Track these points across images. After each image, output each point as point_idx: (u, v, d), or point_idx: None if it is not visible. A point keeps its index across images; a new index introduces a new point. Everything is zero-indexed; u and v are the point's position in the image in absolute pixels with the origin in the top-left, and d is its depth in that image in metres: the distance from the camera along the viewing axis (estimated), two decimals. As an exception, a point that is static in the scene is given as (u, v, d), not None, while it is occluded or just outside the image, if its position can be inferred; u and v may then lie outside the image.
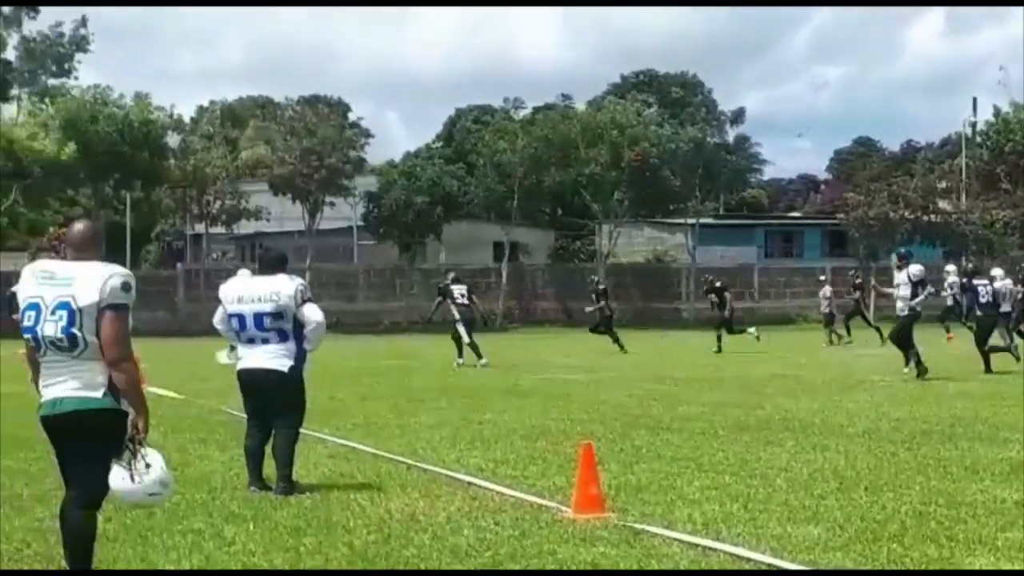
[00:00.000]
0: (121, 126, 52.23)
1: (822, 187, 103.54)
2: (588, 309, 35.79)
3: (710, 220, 69.15)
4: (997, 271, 26.85)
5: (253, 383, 9.92)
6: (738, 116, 65.88)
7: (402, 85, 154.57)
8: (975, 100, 71.64)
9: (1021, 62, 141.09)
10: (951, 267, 38.78)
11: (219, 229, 64.74)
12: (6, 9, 64.82)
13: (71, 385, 6.19)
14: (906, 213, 61.48)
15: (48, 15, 70.95)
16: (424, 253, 65.56)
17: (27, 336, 6.24)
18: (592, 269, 61.60)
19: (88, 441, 6.27)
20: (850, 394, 18.78)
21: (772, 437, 13.06)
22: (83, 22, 65.64)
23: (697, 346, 35.94)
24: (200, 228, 63.92)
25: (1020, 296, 27.80)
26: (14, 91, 66.91)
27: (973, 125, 72.39)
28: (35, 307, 6.15)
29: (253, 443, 9.99)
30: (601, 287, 34.34)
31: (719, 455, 11.65)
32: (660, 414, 15.62)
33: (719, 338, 32.94)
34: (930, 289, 22.45)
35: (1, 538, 8.05)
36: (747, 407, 16.45)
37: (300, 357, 9.90)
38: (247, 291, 9.91)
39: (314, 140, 58.97)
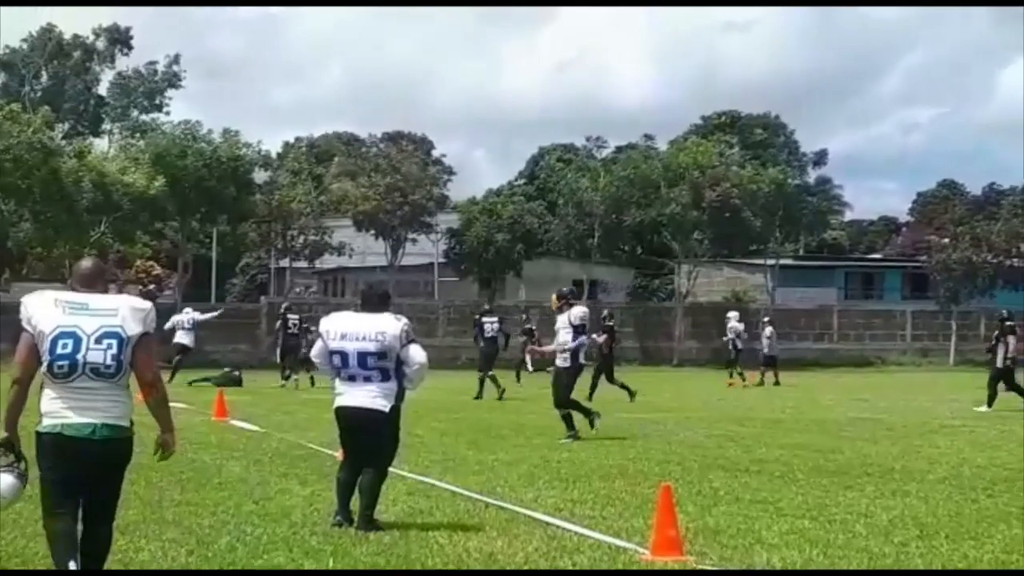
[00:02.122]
0: (209, 161, 52.86)
1: (903, 229, 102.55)
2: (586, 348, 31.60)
3: (790, 261, 68.80)
4: None
5: (353, 421, 9.88)
6: (820, 158, 65.77)
7: (491, 123, 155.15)
8: (1061, 142, 70.82)
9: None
10: (731, 313, 39.92)
11: (302, 263, 65.30)
12: (100, 45, 66.12)
13: (111, 413, 6.72)
14: (989, 257, 60.83)
15: (142, 52, 72.34)
16: (504, 290, 65.73)
17: (59, 363, 6.62)
18: (670, 308, 61.50)
19: (119, 468, 6.97)
20: (931, 438, 18.61)
21: (851, 482, 12.98)
22: (176, 59, 66.79)
23: (775, 388, 35.73)
24: (284, 262, 64.52)
25: None
26: (106, 125, 68.22)
27: (1059, 167, 71.54)
28: (71, 335, 6.61)
29: (347, 477, 9.97)
30: (610, 323, 30.63)
31: (798, 499, 11.60)
32: (738, 456, 15.56)
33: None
34: (584, 338, 18.19)
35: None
36: (826, 450, 16.35)
37: (400, 396, 9.94)
38: (352, 328, 9.84)
39: (398, 177, 59.42)
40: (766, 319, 40.17)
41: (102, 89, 68.44)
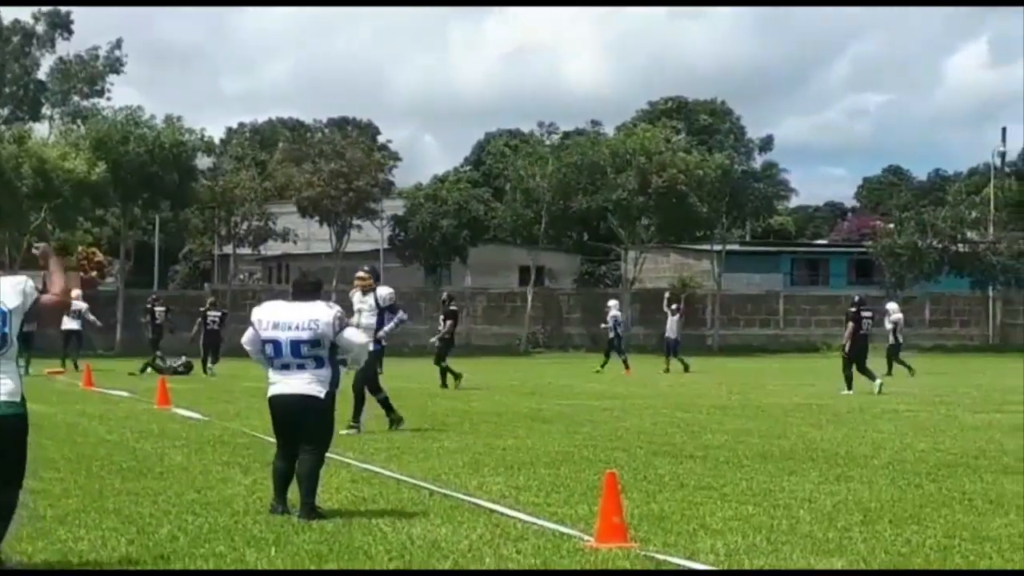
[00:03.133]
0: (152, 147, 52.46)
1: (849, 215, 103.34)
2: (433, 340, 30.24)
3: (736, 247, 69.09)
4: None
5: (287, 409, 9.83)
6: (766, 144, 65.84)
7: (441, 110, 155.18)
8: (1004, 130, 71.86)
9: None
10: (612, 302, 40.53)
11: (246, 250, 64.92)
12: (40, 29, 65.31)
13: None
14: (935, 243, 61.35)
15: (84, 37, 71.60)
16: (450, 276, 65.66)
17: None
18: (617, 294, 61.63)
19: (15, 444, 7.26)
20: (875, 423, 18.71)
21: (796, 467, 13.02)
22: (118, 44, 66.16)
23: (721, 373, 35.87)
24: (228, 249, 64.17)
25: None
26: (46, 111, 67.45)
27: (1003, 155, 72.33)
28: None
29: (283, 465, 9.90)
30: (452, 307, 29.22)
31: (742, 485, 11.61)
32: (684, 442, 15.58)
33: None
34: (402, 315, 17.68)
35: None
36: (771, 436, 16.41)
37: (334, 382, 9.91)
38: (284, 317, 9.80)
39: (342, 163, 59.16)
40: (674, 306, 40.19)
41: (42, 74, 67.60)
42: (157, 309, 35.62)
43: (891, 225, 66.02)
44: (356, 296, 17.31)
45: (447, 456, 13.83)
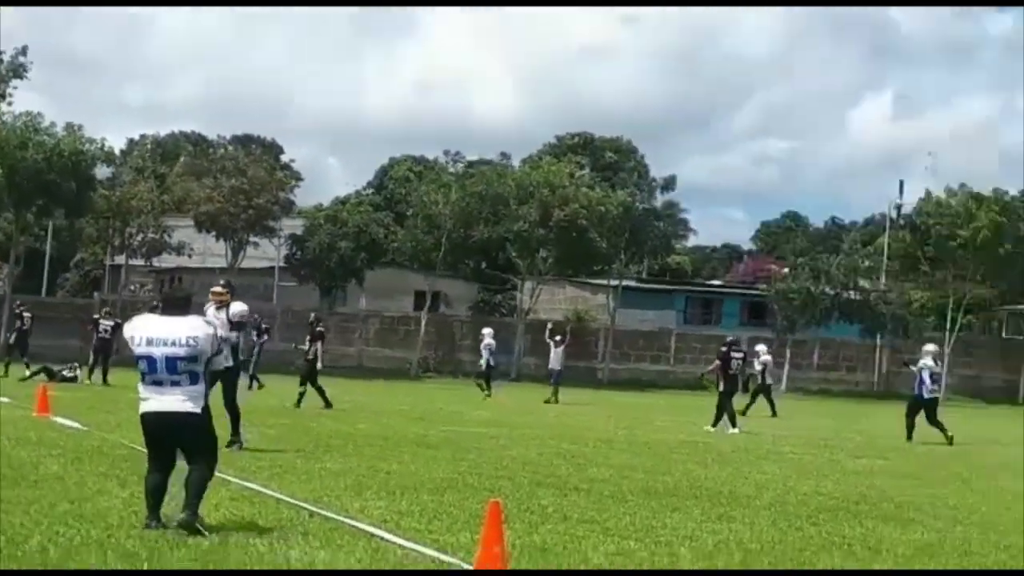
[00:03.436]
0: (50, 154, 51.68)
1: (745, 257, 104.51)
2: (302, 349, 28.46)
3: (632, 283, 69.47)
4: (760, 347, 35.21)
5: (163, 426, 9.58)
6: (669, 183, 66.33)
7: (347, 132, 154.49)
8: (901, 183, 73.31)
9: (956, 151, 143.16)
10: (486, 330, 40.95)
11: (139, 261, 64.04)
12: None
13: None
14: (827, 289, 62.24)
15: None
16: (345, 298, 65.28)
17: None
18: (512, 324, 61.65)
19: None
20: (759, 464, 18.85)
21: (679, 503, 13.05)
22: (23, 50, 65.12)
23: (610, 407, 35.97)
24: (120, 259, 63.20)
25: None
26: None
27: (899, 208, 73.66)
28: None
29: (156, 478, 9.69)
30: (319, 329, 28.50)
31: (626, 519, 11.59)
32: (568, 474, 15.55)
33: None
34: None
35: None
36: (656, 472, 16.45)
37: (206, 397, 9.79)
38: (158, 333, 9.54)
39: (244, 180, 58.65)
40: (557, 337, 40.57)
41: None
42: (25, 315, 36.42)
43: (786, 270, 66.85)
44: (210, 310, 16.64)
45: (330, 477, 13.66)
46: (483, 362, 39.33)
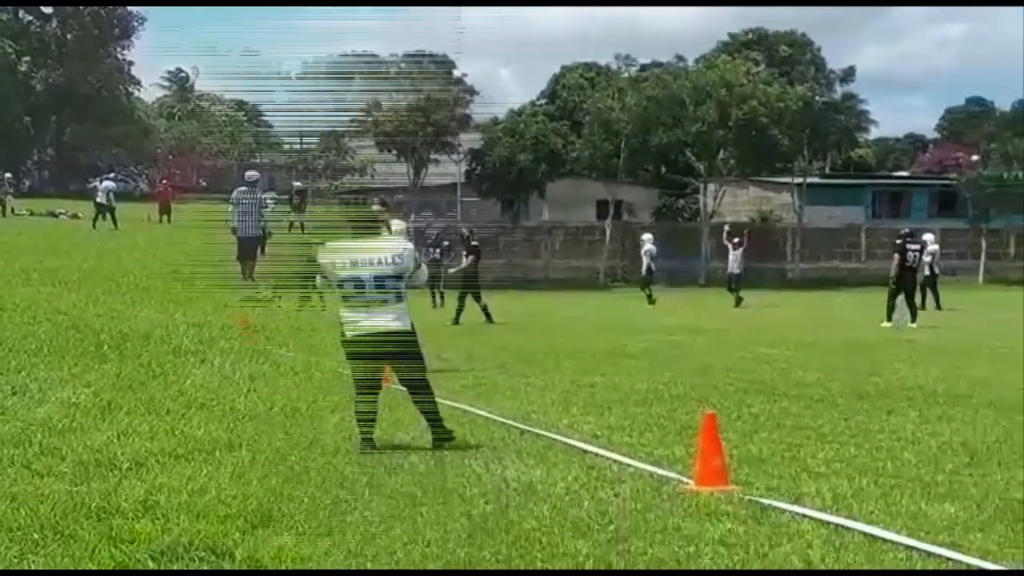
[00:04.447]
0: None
1: (930, 147, 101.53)
2: (452, 270, 29.09)
3: (817, 179, 68.15)
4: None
5: (377, 346, 9.58)
6: (848, 75, 64.70)
7: (519, 43, 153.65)
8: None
9: None
10: (646, 236, 40.64)
11: (323, 184, 64.97)
12: None
13: None
14: (1020, 174, 60.21)
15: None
16: (527, 211, 65.33)
17: None
18: (696, 228, 61.03)
19: None
20: (969, 360, 18.28)
21: (893, 405, 12.67)
22: None
23: (804, 307, 35.38)
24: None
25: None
26: None
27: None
28: None
29: (367, 404, 9.72)
30: (474, 243, 28.40)
31: (840, 424, 11.27)
32: (774, 379, 15.20)
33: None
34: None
35: None
36: (863, 373, 16.02)
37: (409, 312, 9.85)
38: (362, 254, 9.57)
39: (420, 96, 58.91)
40: (735, 240, 39.51)
41: None
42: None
43: (975, 157, 64.82)
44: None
45: (535, 393, 13.54)
46: (644, 268, 38.83)
